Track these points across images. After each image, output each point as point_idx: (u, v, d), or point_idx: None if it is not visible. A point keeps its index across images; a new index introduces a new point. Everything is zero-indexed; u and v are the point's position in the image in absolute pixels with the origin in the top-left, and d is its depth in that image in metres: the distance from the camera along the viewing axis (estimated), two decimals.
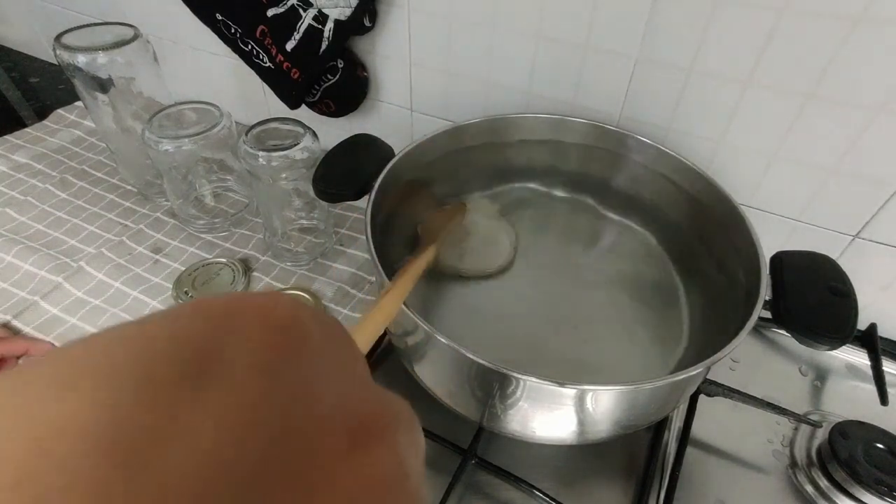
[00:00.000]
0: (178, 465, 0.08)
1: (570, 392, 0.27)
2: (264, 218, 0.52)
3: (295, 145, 0.45)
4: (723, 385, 0.39)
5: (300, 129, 0.47)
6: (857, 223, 0.43)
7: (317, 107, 0.57)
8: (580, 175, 0.48)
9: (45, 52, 0.85)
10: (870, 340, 0.40)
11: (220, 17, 0.52)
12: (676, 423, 0.41)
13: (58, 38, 0.49)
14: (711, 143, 0.44)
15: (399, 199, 0.40)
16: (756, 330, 0.48)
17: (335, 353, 0.12)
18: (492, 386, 0.29)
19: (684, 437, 0.39)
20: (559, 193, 0.49)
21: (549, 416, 0.30)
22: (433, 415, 0.39)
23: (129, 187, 0.60)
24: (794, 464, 0.39)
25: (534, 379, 0.26)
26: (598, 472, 0.38)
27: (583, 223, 0.47)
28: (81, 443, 0.07)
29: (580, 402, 0.29)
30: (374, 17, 0.50)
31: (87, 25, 0.51)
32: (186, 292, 0.48)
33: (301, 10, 0.49)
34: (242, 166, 0.47)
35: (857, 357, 0.46)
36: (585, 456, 0.39)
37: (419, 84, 0.54)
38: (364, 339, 0.25)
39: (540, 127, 0.46)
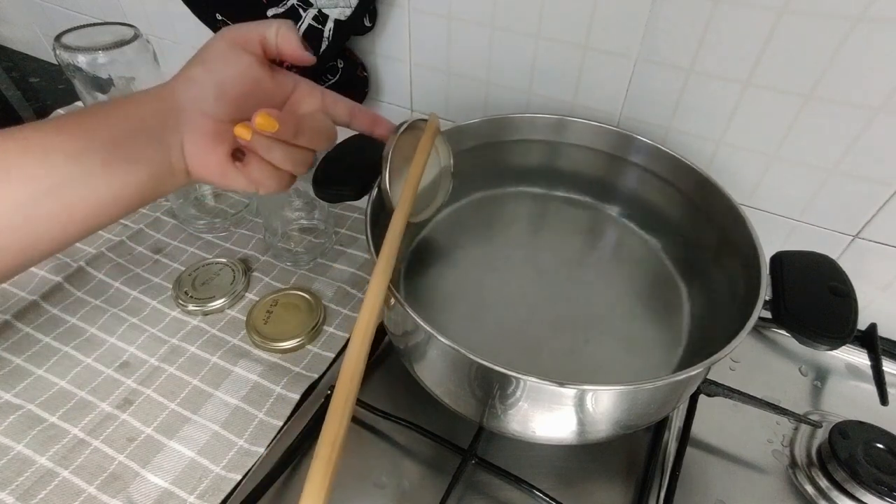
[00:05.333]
0: None
1: (570, 392, 0.27)
2: (264, 218, 0.52)
3: None
4: (723, 385, 0.39)
5: None
6: (857, 223, 0.43)
7: None
8: (580, 175, 0.48)
9: (45, 52, 0.85)
10: (870, 340, 0.40)
11: (220, 17, 0.52)
12: (676, 423, 0.41)
13: (58, 38, 0.49)
14: (711, 143, 0.44)
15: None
16: (756, 330, 0.48)
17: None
18: (492, 386, 0.29)
19: (684, 437, 0.39)
20: (559, 193, 0.49)
21: (549, 416, 0.30)
22: (433, 415, 0.39)
23: None
24: (794, 464, 0.39)
25: (534, 379, 0.26)
26: (598, 472, 0.38)
27: (582, 223, 0.47)
28: None
29: (580, 402, 0.29)
30: (374, 17, 0.50)
31: (87, 25, 0.51)
32: (186, 292, 0.48)
33: (301, 10, 0.49)
34: None
35: (857, 357, 0.46)
36: (585, 456, 0.39)
37: (419, 84, 0.54)
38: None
39: (540, 127, 0.46)
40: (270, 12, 0.49)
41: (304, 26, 0.49)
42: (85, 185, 0.27)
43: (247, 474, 0.37)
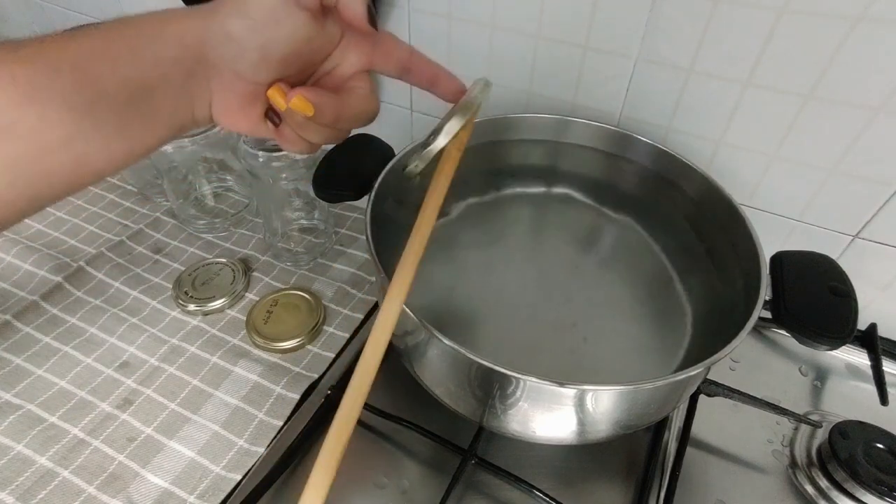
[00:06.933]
0: None
1: (570, 392, 0.27)
2: (264, 218, 0.52)
3: None
4: (723, 385, 0.39)
5: None
6: (857, 223, 0.43)
7: None
8: (580, 175, 0.48)
9: None
10: (870, 340, 0.40)
11: None
12: (676, 423, 0.41)
13: None
14: (711, 143, 0.44)
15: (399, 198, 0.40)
16: (756, 330, 0.48)
17: None
18: (492, 386, 0.29)
19: (684, 437, 0.39)
20: (559, 193, 0.49)
21: (549, 416, 0.30)
22: (433, 415, 0.39)
23: (129, 187, 0.60)
24: (794, 464, 0.39)
25: (534, 379, 0.26)
26: (598, 472, 0.38)
27: (582, 223, 0.47)
28: None
29: (580, 402, 0.29)
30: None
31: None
32: (186, 292, 0.48)
33: None
34: (242, 166, 0.47)
35: (857, 357, 0.46)
36: (585, 456, 0.39)
37: None
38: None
39: (540, 127, 0.46)
40: None
41: None
42: (97, 141, 0.24)
43: (247, 474, 0.37)
